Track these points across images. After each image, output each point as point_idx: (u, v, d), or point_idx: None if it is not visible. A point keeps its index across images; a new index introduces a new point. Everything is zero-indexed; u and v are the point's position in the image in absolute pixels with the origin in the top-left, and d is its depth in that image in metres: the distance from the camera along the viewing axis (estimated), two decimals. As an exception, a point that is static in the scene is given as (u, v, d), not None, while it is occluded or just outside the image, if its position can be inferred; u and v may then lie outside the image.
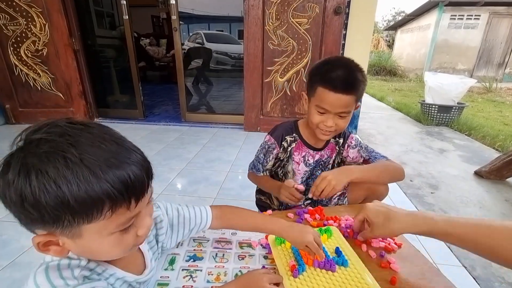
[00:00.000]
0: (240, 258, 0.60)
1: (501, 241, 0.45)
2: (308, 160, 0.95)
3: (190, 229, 0.59)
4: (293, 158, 0.94)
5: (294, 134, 0.94)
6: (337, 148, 0.98)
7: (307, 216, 0.77)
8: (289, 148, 0.93)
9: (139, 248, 0.49)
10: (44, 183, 0.30)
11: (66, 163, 0.31)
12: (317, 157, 0.95)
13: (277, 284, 0.51)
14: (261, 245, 0.65)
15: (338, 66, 0.78)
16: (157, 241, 0.54)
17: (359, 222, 0.63)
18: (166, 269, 0.57)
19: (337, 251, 0.61)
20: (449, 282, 0.56)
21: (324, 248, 0.60)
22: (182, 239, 0.59)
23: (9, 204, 0.32)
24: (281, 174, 0.99)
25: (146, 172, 0.36)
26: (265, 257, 0.61)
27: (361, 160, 0.99)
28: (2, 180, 0.31)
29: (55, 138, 0.32)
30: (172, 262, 0.58)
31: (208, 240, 0.65)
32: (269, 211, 0.82)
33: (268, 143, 0.95)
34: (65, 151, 0.31)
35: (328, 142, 0.96)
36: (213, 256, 0.60)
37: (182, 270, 0.56)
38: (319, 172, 0.97)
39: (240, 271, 0.57)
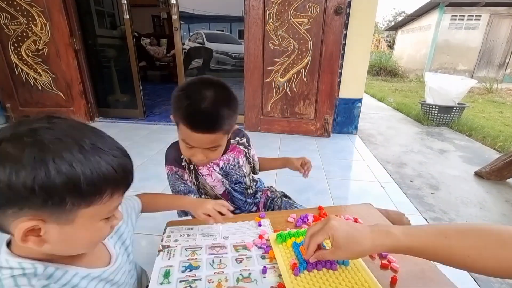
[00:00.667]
0: (238, 262, 0.59)
1: (458, 249, 0.41)
2: (215, 169, 0.86)
3: (136, 212, 0.64)
4: (200, 173, 0.84)
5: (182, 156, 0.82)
6: (242, 148, 0.91)
7: (310, 218, 0.77)
8: (191, 166, 0.83)
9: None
10: (60, 167, 0.32)
11: (80, 149, 0.34)
12: (221, 163, 0.86)
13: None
14: (256, 245, 0.64)
15: (201, 99, 0.65)
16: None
17: (318, 242, 0.53)
18: (162, 283, 0.54)
19: None
20: (449, 281, 0.56)
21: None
22: (133, 223, 0.62)
23: (12, 190, 0.31)
24: (203, 194, 0.89)
25: (132, 164, 0.41)
26: (263, 257, 0.61)
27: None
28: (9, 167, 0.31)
29: (64, 127, 0.35)
30: (167, 275, 0.56)
31: (201, 248, 0.63)
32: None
33: (174, 171, 0.83)
34: (79, 139, 0.34)
35: (228, 146, 0.87)
36: (210, 263, 0.59)
37: (180, 281, 0.54)
38: (235, 176, 0.89)
39: (241, 274, 0.56)
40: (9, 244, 0.39)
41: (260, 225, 0.72)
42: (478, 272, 0.42)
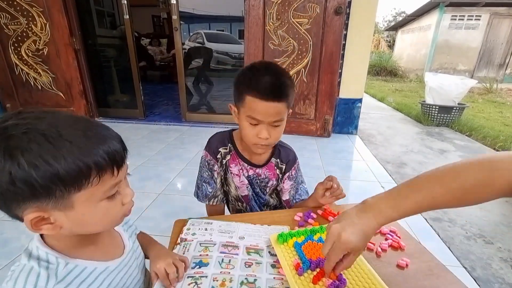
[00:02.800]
0: (247, 266, 0.59)
1: (436, 204, 0.46)
2: (244, 173, 0.86)
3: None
4: (230, 171, 0.85)
5: (228, 145, 0.84)
6: (278, 172, 0.88)
7: (313, 215, 0.77)
8: (224, 161, 0.84)
9: (116, 230, 0.53)
10: (31, 159, 0.32)
11: (46, 139, 0.33)
12: (251, 172, 0.85)
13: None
14: (269, 252, 0.63)
15: (264, 72, 0.71)
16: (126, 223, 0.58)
17: (338, 259, 0.51)
18: None
19: None
20: (456, 278, 0.57)
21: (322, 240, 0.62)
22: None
23: None
24: (227, 190, 0.89)
25: (122, 144, 0.41)
26: (273, 266, 0.60)
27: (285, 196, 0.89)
28: None
29: (30, 121, 0.34)
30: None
31: (215, 244, 0.64)
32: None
33: (206, 158, 0.85)
34: (43, 129, 0.34)
35: (268, 161, 0.86)
36: (219, 262, 0.59)
37: (188, 277, 0.55)
38: (257, 190, 0.88)
39: (246, 278, 0.56)
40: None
41: None
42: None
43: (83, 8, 2.97)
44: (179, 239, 0.65)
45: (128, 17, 2.88)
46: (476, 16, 8.49)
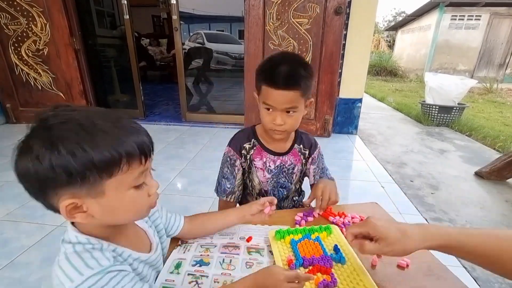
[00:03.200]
0: (248, 266, 0.59)
1: (507, 252, 0.44)
2: (269, 166, 0.88)
3: (168, 222, 0.63)
4: (254, 164, 0.88)
5: (252, 140, 0.89)
6: (302, 158, 0.92)
7: (315, 214, 0.77)
8: (249, 156, 0.88)
9: (140, 227, 0.55)
10: (69, 147, 0.35)
11: (83, 129, 0.37)
12: (278, 162, 0.88)
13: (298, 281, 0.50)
14: (270, 251, 0.63)
15: (280, 62, 0.75)
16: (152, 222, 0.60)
17: (357, 232, 0.54)
18: (171, 272, 0.56)
19: (335, 249, 0.62)
20: (456, 278, 0.57)
21: (322, 245, 0.62)
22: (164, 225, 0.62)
23: (35, 180, 0.36)
24: (249, 185, 0.93)
25: (149, 138, 0.44)
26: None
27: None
28: (25, 160, 0.36)
29: (67, 113, 0.38)
30: (178, 266, 0.58)
31: (216, 246, 0.65)
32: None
33: (229, 154, 0.89)
34: (79, 120, 0.37)
35: (292, 147, 0.90)
36: (220, 262, 0.59)
37: (188, 274, 0.56)
38: (283, 179, 0.91)
39: None
40: (73, 224, 0.45)
41: None
42: None
43: (83, 8, 2.98)
44: (179, 241, 0.66)
45: (128, 17, 2.88)
46: (476, 16, 8.49)
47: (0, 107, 2.99)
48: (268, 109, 0.78)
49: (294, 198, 1.00)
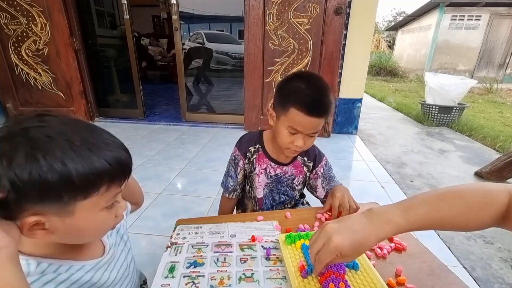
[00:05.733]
0: (242, 261, 0.60)
1: (448, 221, 0.47)
2: (269, 172, 0.90)
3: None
4: (255, 168, 0.90)
5: (257, 145, 0.89)
6: (305, 170, 0.92)
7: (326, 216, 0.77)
8: (252, 158, 0.90)
9: None
10: (52, 163, 0.33)
11: (71, 146, 0.35)
12: (278, 170, 0.89)
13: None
14: (262, 246, 0.64)
15: (312, 87, 0.74)
16: None
17: (326, 262, 0.49)
18: (166, 277, 0.56)
19: None
20: (458, 278, 0.57)
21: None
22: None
23: (7, 186, 0.33)
24: (248, 188, 0.95)
25: (129, 156, 0.43)
26: (267, 259, 0.61)
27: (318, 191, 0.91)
28: (1, 166, 0.32)
29: (55, 125, 0.36)
30: (172, 270, 0.58)
31: (207, 245, 0.65)
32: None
33: (235, 154, 0.91)
34: (70, 136, 0.36)
35: (294, 158, 0.90)
36: (214, 261, 0.60)
37: (184, 277, 0.56)
38: (284, 188, 0.92)
39: (243, 273, 0.57)
40: None
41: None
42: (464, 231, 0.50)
43: (83, 8, 2.97)
44: (169, 243, 0.65)
45: (128, 17, 2.88)
46: (476, 16, 8.49)
47: (0, 107, 2.98)
48: (292, 133, 0.75)
49: (296, 198, 1.01)
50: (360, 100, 2.89)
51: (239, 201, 1.01)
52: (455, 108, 3.60)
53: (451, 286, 0.55)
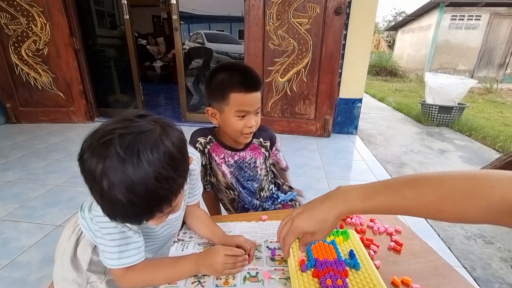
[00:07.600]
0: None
1: (414, 208, 0.42)
2: (228, 160, 0.91)
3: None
4: (214, 159, 0.91)
5: (209, 136, 0.91)
6: (263, 151, 0.95)
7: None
8: (206, 150, 0.90)
9: None
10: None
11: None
12: (236, 157, 0.91)
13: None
14: (267, 247, 0.65)
15: (237, 69, 0.80)
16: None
17: (291, 243, 0.53)
18: None
19: (351, 254, 0.60)
20: (463, 277, 0.57)
21: (337, 249, 0.60)
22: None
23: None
24: (214, 180, 0.94)
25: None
26: (272, 259, 0.61)
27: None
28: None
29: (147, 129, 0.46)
30: None
31: (213, 245, 0.65)
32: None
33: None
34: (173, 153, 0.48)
35: (249, 143, 0.92)
36: None
37: (190, 276, 0.56)
38: (248, 172, 0.93)
39: (248, 273, 0.57)
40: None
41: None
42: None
43: (83, 8, 2.97)
44: (175, 238, 0.67)
45: (128, 17, 2.88)
46: (476, 16, 8.50)
47: (0, 107, 2.99)
48: (242, 116, 0.80)
49: (273, 190, 1.02)
50: (360, 100, 2.89)
51: (219, 198, 1.02)
52: (455, 108, 3.60)
53: (456, 285, 0.55)
